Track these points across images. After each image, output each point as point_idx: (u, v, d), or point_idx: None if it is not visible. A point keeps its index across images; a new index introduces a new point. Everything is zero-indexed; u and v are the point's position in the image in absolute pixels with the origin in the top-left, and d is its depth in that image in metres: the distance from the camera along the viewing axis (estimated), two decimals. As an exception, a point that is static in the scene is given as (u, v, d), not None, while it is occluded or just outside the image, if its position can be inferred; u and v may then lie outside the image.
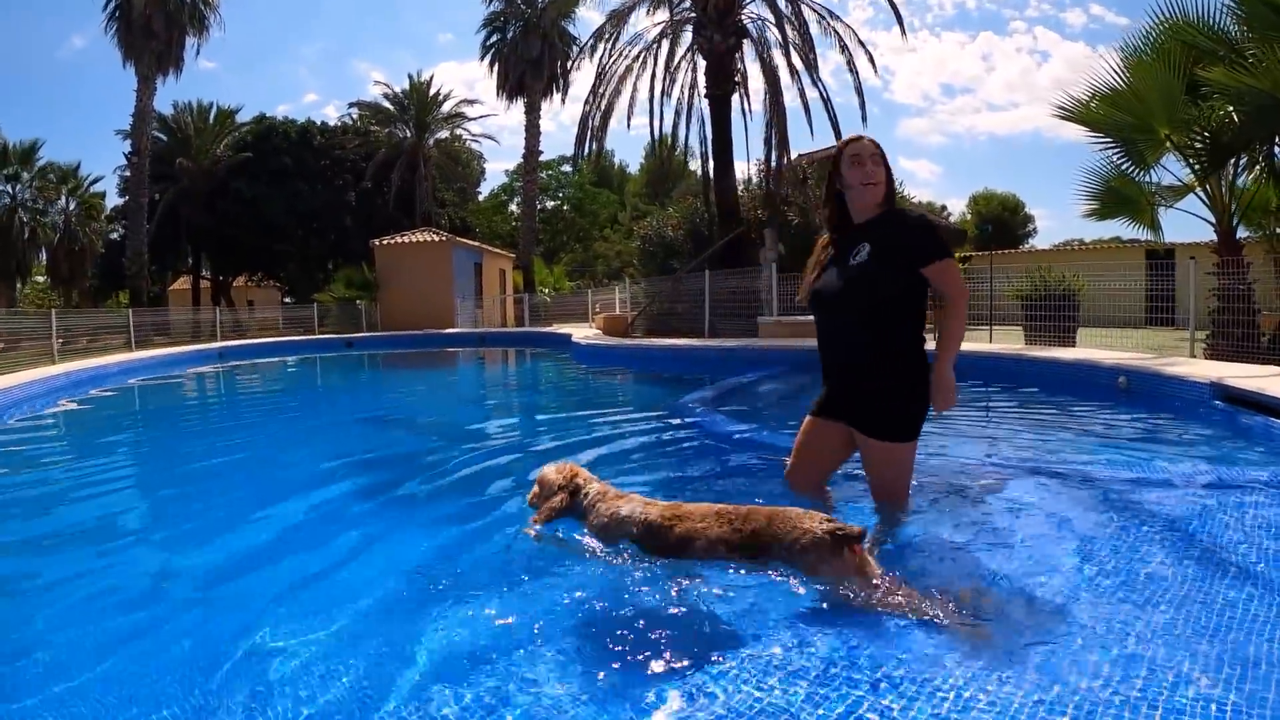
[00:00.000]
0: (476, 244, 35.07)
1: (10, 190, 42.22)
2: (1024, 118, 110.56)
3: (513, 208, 68.37)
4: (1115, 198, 12.56)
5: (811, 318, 4.03)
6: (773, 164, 21.60)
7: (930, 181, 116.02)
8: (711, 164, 22.26)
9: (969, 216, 51.53)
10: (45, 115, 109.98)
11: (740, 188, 22.61)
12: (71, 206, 45.25)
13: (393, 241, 31.14)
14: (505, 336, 27.22)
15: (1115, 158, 12.24)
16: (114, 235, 47.39)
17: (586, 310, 29.31)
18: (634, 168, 71.56)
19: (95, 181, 46.63)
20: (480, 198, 60.80)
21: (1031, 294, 14.73)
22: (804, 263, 4.28)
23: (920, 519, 4.07)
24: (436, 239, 31.17)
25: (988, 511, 4.31)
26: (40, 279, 49.92)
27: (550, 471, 4.18)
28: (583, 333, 21.94)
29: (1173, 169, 12.27)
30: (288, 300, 49.49)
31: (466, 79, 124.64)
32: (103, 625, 3.44)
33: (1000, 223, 49.03)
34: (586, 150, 24.18)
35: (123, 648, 3.17)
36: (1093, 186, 12.73)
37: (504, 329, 28.44)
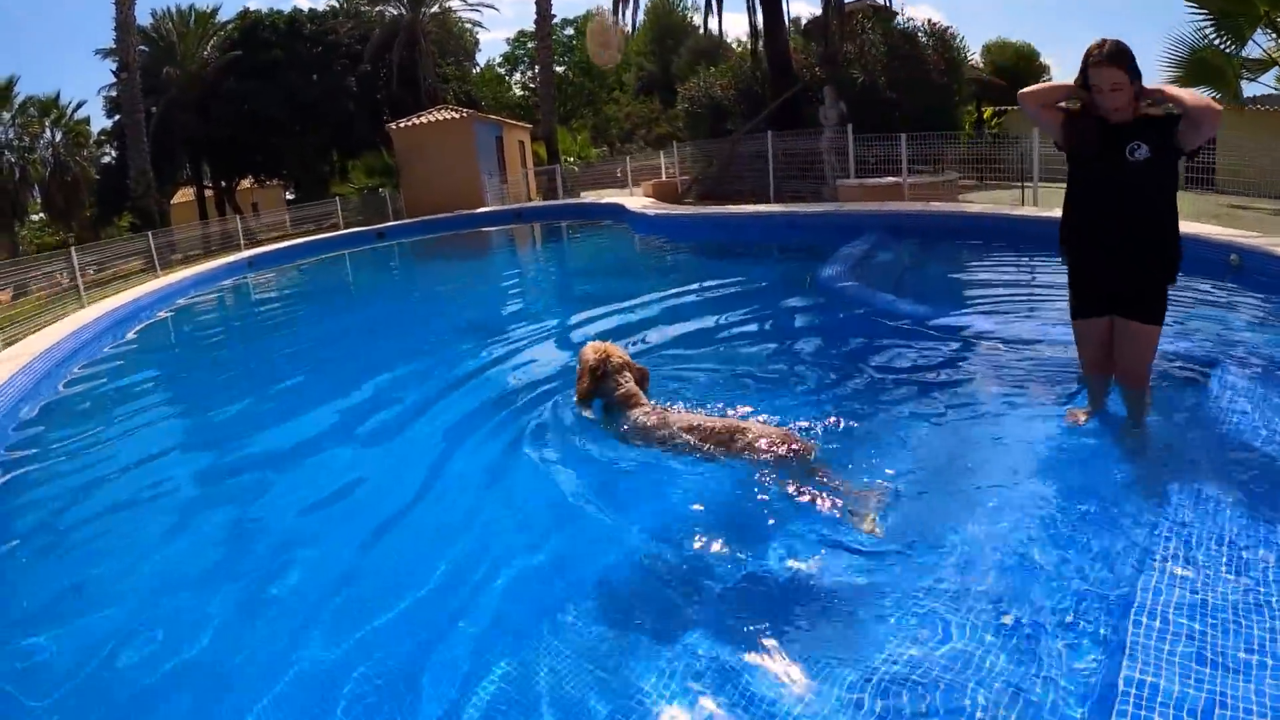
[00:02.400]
0: (495, 117, 32.98)
1: (-8, 132, 40.36)
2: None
3: (515, 77, 65.45)
4: (1202, 68, 11.93)
5: (891, 180, 5.31)
6: (830, 17, 19.39)
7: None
8: (760, 18, 20.31)
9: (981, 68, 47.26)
10: (13, 52, 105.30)
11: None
12: (58, 138, 43.39)
13: (410, 123, 29.14)
14: (545, 211, 25.57)
15: (1209, 30, 11.67)
16: (106, 159, 45.62)
17: (623, 179, 27.40)
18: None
19: (78, 108, 44.64)
20: (476, 70, 57.63)
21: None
22: (870, 117, 5.28)
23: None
24: (456, 116, 29.17)
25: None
26: (37, 217, 47.96)
27: (586, 351, 4.65)
28: (637, 202, 20.23)
29: (1258, 40, 11.94)
30: (291, 198, 47.77)
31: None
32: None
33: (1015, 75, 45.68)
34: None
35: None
36: (1178, 54, 12.02)
37: (537, 204, 26.64)
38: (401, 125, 29.17)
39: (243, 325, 14.33)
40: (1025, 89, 4.08)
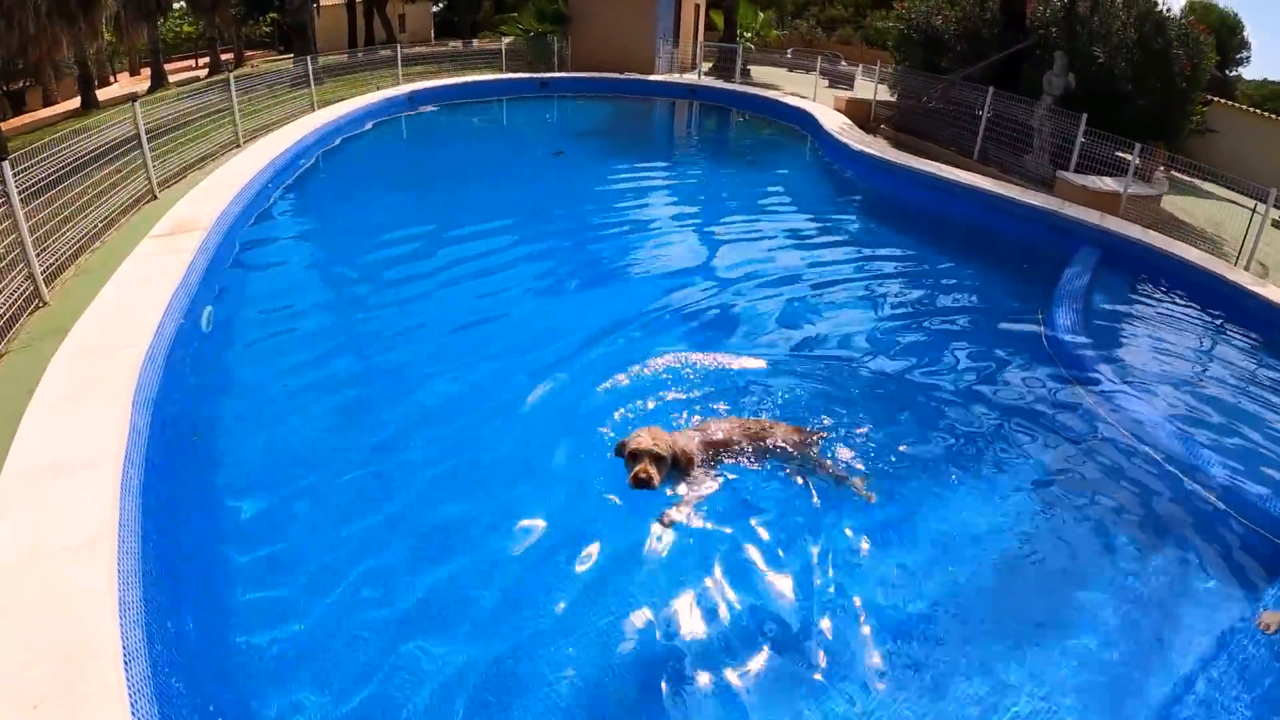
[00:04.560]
0: (676, -24, 30.70)
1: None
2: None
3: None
4: None
5: (1111, 185, 4.99)
6: None
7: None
8: None
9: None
10: None
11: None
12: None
13: (592, -31, 27.20)
14: (724, 95, 24.01)
15: None
16: None
17: (807, 85, 25.37)
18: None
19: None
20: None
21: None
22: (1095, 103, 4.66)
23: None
24: (642, -29, 27.08)
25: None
26: (179, 5, 46.52)
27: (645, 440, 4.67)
28: (831, 119, 18.62)
29: None
30: (437, 9, 46.16)
31: None
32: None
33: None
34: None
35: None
36: None
37: (713, 83, 24.92)
38: (582, -30, 27.27)
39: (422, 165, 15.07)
40: None
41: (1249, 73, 47.02)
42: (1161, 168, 15.25)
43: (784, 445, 5.20)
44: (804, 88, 24.55)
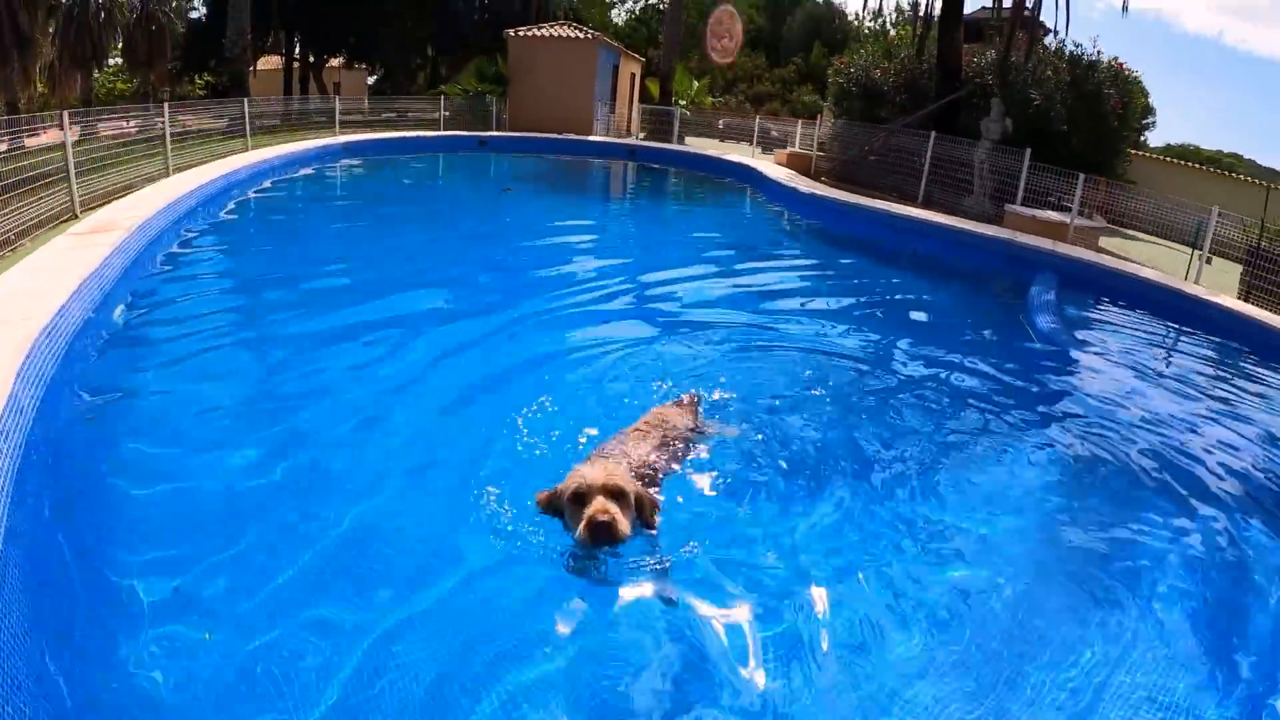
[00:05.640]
0: (616, 44, 31.09)
1: (83, -31, 38.45)
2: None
3: (627, 4, 63.22)
4: None
5: (1058, 216, 5.68)
6: (1015, 27, 17.81)
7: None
8: (938, 10, 18.59)
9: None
10: None
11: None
12: (147, -15, 41.40)
13: (530, 34, 27.44)
14: (661, 154, 24.14)
15: None
16: (194, 14, 43.96)
17: (744, 151, 25.60)
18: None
19: (172, -41, 42.18)
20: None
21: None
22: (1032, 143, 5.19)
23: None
24: (580, 35, 27.48)
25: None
26: (114, 62, 45.99)
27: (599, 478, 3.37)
28: (774, 170, 18.69)
29: None
30: (371, 83, 46.33)
31: None
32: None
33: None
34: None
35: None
36: None
37: (651, 144, 25.00)
38: (521, 34, 27.47)
39: (351, 210, 13.77)
40: None
41: (1154, 138, 49.67)
42: (1098, 213, 15.63)
43: (689, 428, 4.46)
44: (741, 155, 24.76)
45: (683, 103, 30.58)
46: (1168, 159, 25.25)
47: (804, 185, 16.49)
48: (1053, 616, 3.49)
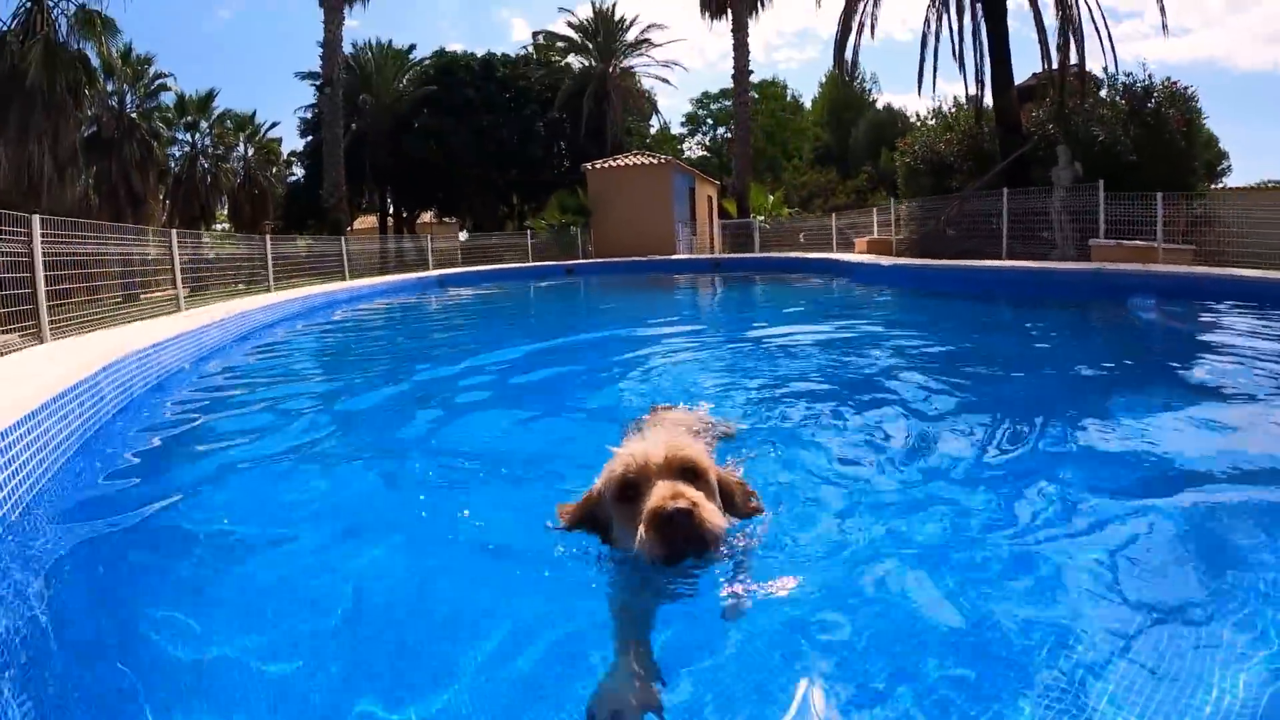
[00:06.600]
0: (690, 169, 32.16)
1: (191, 138, 42.42)
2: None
3: (696, 138, 65.84)
4: None
5: (1144, 243, 5.32)
6: (1069, 73, 18.12)
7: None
8: (989, 74, 19.07)
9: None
10: (215, 69, 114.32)
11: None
12: (249, 152, 45.26)
13: (607, 165, 28.78)
14: (745, 262, 24.66)
15: None
16: (292, 179, 47.81)
17: (813, 240, 26.08)
18: (807, 99, 66.68)
19: (271, 128, 46.54)
20: (653, 130, 57.62)
21: None
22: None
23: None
24: (654, 161, 28.75)
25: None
26: (220, 227, 50.01)
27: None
28: (858, 258, 18.97)
29: None
30: (464, 236, 48.51)
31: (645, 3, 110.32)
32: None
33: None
34: (849, 56, 21.30)
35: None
36: None
37: (735, 255, 25.40)
38: (598, 166, 28.76)
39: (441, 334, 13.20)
40: None
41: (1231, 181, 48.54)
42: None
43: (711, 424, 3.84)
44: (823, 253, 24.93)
45: (760, 217, 31.12)
46: (1251, 186, 24.31)
47: (887, 261, 16.46)
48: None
